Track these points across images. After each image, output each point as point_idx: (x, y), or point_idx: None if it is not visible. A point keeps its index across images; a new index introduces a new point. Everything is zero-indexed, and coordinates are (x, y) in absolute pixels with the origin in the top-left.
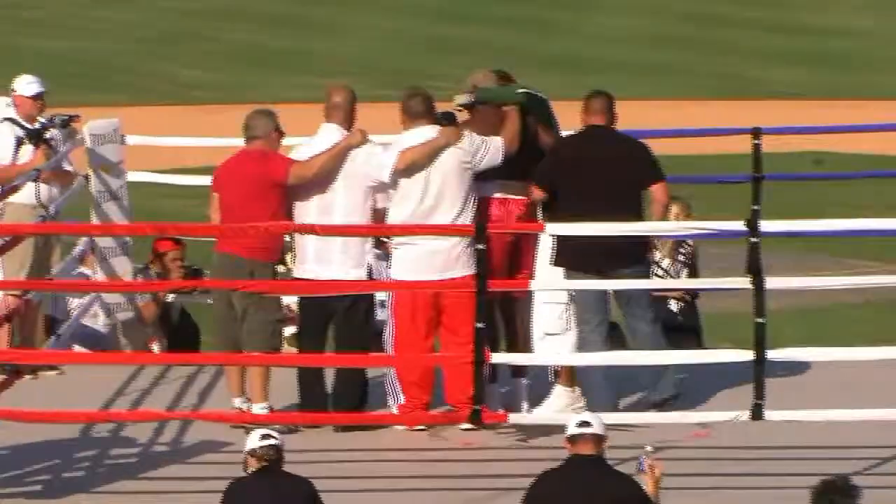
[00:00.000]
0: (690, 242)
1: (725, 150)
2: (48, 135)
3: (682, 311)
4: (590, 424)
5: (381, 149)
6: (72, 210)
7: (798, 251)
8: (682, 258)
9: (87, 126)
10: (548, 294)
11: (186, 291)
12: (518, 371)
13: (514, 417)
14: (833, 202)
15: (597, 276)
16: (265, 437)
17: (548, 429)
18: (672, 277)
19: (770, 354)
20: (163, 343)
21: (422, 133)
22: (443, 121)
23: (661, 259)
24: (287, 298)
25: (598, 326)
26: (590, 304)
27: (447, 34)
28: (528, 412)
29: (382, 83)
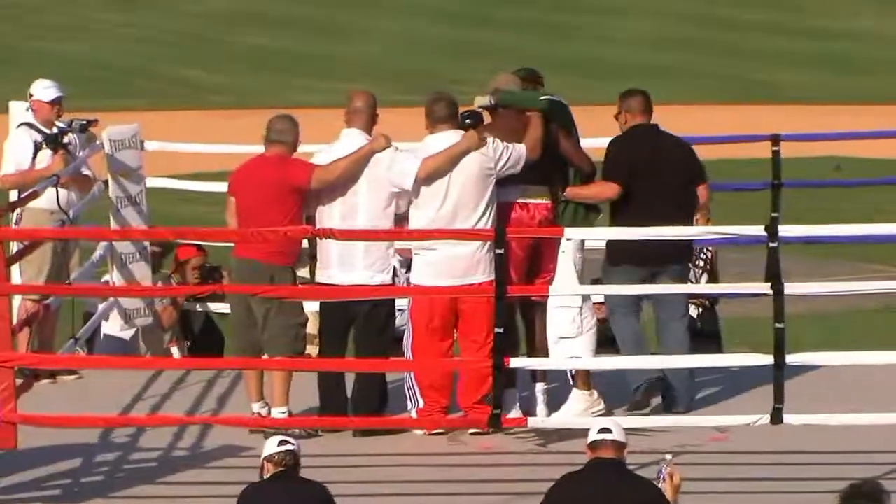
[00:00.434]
0: (710, 248)
1: (736, 156)
2: (66, 139)
3: (702, 317)
4: (610, 431)
5: (405, 154)
6: (91, 215)
7: (816, 256)
8: (702, 263)
9: (107, 131)
10: (561, 297)
11: (204, 296)
12: (536, 375)
13: (533, 421)
14: (850, 208)
15: (647, 271)
16: (282, 443)
17: (566, 433)
18: (692, 283)
19: (789, 359)
20: (183, 348)
21: (446, 138)
22: (467, 122)
23: None
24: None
25: (633, 311)
26: (628, 296)
27: (469, 38)
28: (547, 416)
29: (404, 88)
